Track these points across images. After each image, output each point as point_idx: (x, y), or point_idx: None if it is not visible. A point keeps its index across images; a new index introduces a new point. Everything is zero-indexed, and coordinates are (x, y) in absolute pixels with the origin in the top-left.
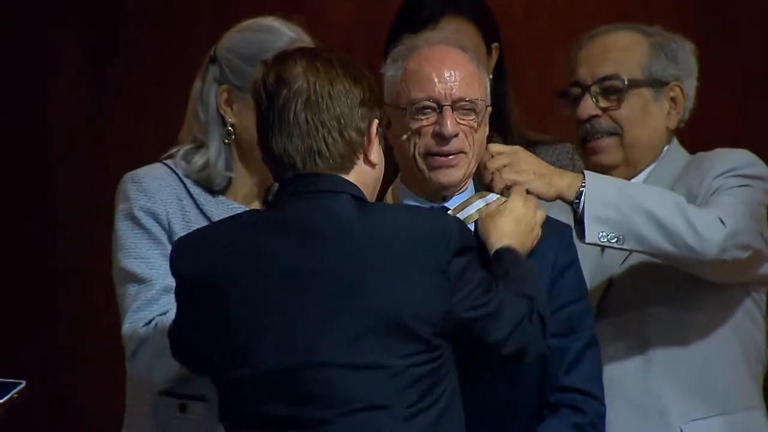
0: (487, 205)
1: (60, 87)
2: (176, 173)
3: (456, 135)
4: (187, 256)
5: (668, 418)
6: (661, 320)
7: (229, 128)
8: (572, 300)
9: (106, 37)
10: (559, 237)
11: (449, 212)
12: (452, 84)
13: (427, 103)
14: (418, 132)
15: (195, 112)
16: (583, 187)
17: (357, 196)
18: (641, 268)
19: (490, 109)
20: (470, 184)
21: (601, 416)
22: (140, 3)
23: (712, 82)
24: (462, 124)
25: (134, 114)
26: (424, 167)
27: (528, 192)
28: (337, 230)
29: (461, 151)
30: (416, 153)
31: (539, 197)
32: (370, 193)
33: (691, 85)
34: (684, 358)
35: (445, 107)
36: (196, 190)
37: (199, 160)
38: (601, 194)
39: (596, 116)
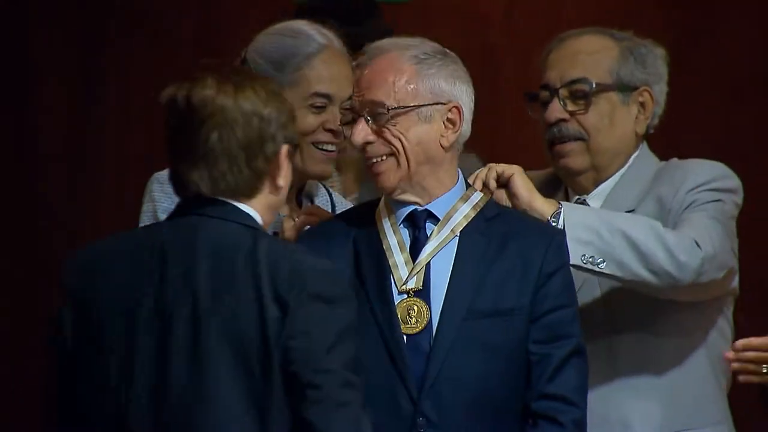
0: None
1: (50, 87)
2: None
3: (369, 143)
4: (75, 271)
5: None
6: (630, 333)
7: None
8: (557, 306)
9: (95, 38)
10: (548, 242)
11: (435, 228)
12: (364, 90)
13: (351, 114)
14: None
15: None
16: (560, 209)
17: (248, 226)
18: (610, 281)
19: (441, 106)
20: (459, 183)
21: (580, 423)
22: (129, 3)
23: (693, 84)
24: (380, 130)
25: (124, 113)
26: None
27: (512, 184)
28: (216, 260)
29: (390, 154)
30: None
31: (515, 193)
32: (270, 215)
33: (660, 90)
34: (652, 372)
35: (359, 117)
36: None
37: None
38: (580, 218)
39: (564, 120)
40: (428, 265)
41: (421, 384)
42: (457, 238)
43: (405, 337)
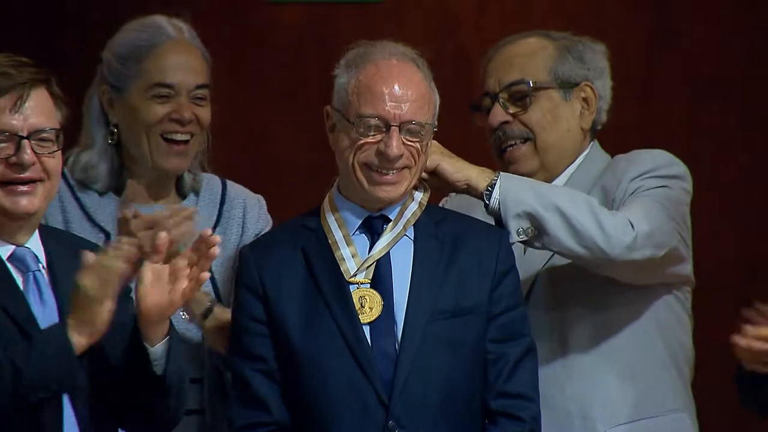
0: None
1: None
2: (65, 177)
3: (400, 156)
4: None
5: (592, 422)
6: (581, 323)
7: (112, 128)
8: (512, 306)
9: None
10: (498, 242)
11: (389, 225)
12: (403, 104)
13: (375, 121)
14: (361, 146)
15: (85, 114)
16: (495, 180)
17: None
18: (563, 269)
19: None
20: None
21: (537, 418)
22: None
23: (660, 85)
24: (408, 144)
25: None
26: (363, 180)
27: (436, 173)
28: None
29: (405, 167)
30: (356, 164)
31: (448, 178)
32: None
33: (603, 84)
34: (606, 361)
35: (393, 128)
36: (82, 192)
37: (83, 160)
38: (516, 192)
39: (507, 123)
40: (382, 262)
41: (390, 387)
42: (413, 242)
43: (367, 332)
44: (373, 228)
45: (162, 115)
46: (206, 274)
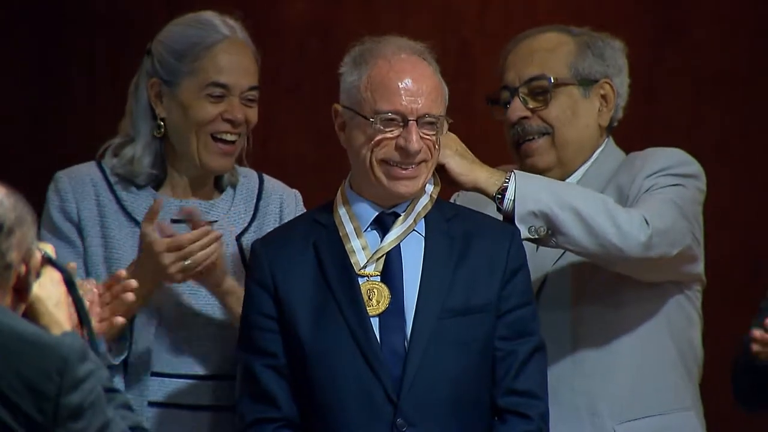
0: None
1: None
2: (103, 170)
3: (420, 150)
4: None
5: (600, 419)
6: (592, 320)
7: (160, 122)
8: (521, 303)
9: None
10: (509, 239)
11: (400, 217)
12: (418, 98)
13: (393, 116)
14: (379, 142)
15: (129, 105)
16: (507, 182)
17: None
18: (574, 266)
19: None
20: None
21: (545, 416)
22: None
23: (664, 82)
24: (424, 137)
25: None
26: (381, 176)
27: (445, 169)
28: None
29: (422, 161)
30: (374, 161)
31: (455, 179)
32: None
33: (621, 82)
34: (616, 358)
35: (411, 122)
36: (120, 186)
37: (127, 153)
38: (531, 191)
39: (526, 118)
40: (393, 256)
41: (399, 384)
42: (423, 239)
43: (376, 327)
44: (384, 225)
45: (214, 115)
46: (121, 319)
